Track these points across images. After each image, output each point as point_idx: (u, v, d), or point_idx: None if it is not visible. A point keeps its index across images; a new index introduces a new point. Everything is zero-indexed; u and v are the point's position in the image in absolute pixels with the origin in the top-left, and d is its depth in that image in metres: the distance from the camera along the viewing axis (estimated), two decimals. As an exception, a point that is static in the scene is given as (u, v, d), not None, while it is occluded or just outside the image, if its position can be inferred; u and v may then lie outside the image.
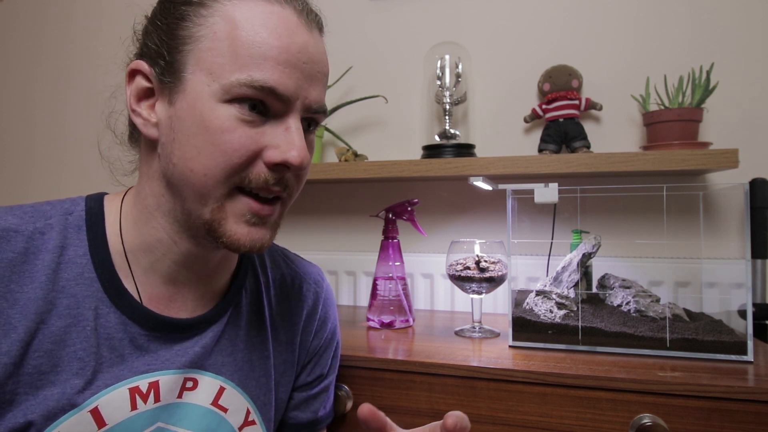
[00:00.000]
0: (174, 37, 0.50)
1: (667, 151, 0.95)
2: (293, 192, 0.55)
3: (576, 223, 1.07)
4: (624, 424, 0.70)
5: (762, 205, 0.98)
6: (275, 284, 0.67)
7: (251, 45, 0.47)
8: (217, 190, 0.49)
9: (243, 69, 0.47)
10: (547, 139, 1.10)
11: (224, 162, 0.48)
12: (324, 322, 0.71)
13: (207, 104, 0.48)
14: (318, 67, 0.51)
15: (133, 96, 0.52)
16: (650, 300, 0.89)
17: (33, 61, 1.60)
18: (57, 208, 0.54)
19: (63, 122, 1.56)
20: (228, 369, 0.58)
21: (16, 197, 1.60)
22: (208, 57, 0.48)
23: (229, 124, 0.48)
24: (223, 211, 0.50)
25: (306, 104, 0.51)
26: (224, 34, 0.48)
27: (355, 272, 1.28)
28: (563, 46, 1.17)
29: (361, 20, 1.31)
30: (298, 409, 0.69)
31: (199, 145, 0.48)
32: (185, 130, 0.49)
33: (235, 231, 0.50)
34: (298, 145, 0.49)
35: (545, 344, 0.85)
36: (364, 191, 1.31)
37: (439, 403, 0.78)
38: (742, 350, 0.77)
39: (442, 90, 1.16)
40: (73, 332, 0.49)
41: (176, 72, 0.49)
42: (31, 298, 0.48)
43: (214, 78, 0.48)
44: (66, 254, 0.51)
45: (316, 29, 0.52)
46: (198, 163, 0.48)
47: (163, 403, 0.53)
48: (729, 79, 1.07)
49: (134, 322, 0.52)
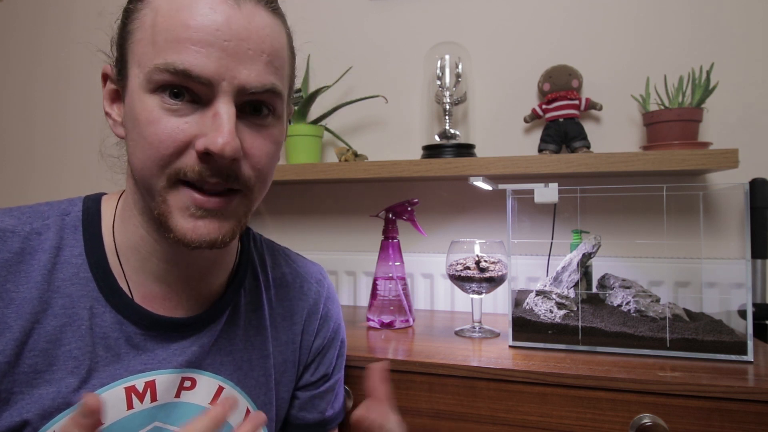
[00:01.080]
0: (120, 35, 0.50)
1: (667, 151, 0.95)
2: (252, 186, 0.50)
3: (576, 223, 1.07)
4: (624, 424, 0.70)
5: (762, 205, 0.98)
6: (275, 283, 0.67)
7: (167, 29, 0.45)
8: (156, 182, 0.47)
9: (159, 54, 0.45)
10: (547, 139, 1.10)
11: (153, 154, 0.46)
12: (326, 321, 0.71)
13: (137, 96, 0.47)
14: (249, 44, 0.46)
15: (106, 99, 0.54)
16: (650, 300, 0.90)
17: (33, 61, 1.60)
18: (55, 209, 0.54)
19: (63, 122, 1.56)
20: (227, 368, 0.58)
21: (16, 197, 1.60)
22: (138, 48, 0.47)
23: (155, 115, 0.46)
24: (167, 204, 0.48)
25: (237, 86, 0.46)
26: (149, 23, 0.47)
27: (355, 272, 1.28)
28: (563, 46, 1.17)
29: (361, 20, 1.31)
30: (305, 410, 0.69)
31: (135, 139, 0.48)
32: (128, 125, 0.49)
33: (181, 225, 0.48)
34: (225, 130, 0.45)
35: (545, 344, 0.85)
36: (364, 191, 1.31)
37: (439, 403, 0.78)
38: (742, 350, 0.77)
39: (442, 90, 1.16)
40: (68, 331, 0.50)
41: (124, 70, 0.50)
42: (27, 298, 0.49)
43: (141, 69, 0.47)
44: (62, 254, 0.52)
45: (250, 3, 0.47)
46: (136, 157, 0.48)
47: (160, 403, 0.53)
48: (729, 79, 1.07)
49: (129, 321, 0.52)
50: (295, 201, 1.36)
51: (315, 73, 1.30)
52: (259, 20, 0.48)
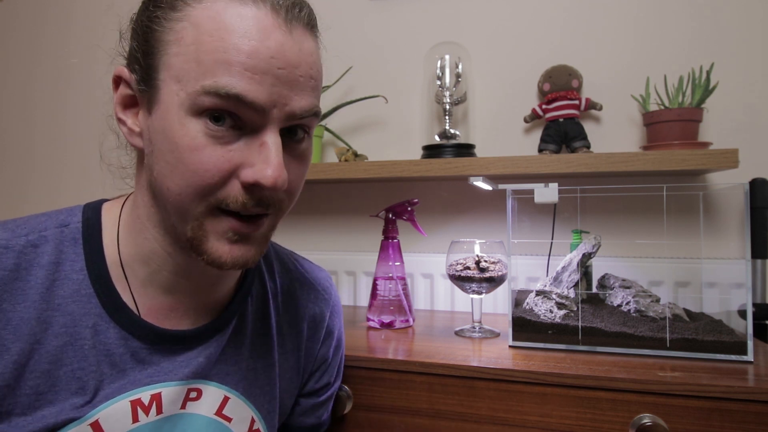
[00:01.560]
0: (147, 42, 0.47)
1: (667, 151, 0.95)
2: (283, 207, 0.51)
3: (576, 223, 1.07)
4: (624, 424, 0.70)
5: (762, 205, 0.98)
6: (283, 290, 0.66)
7: (215, 50, 0.43)
8: (194, 209, 0.46)
9: (207, 75, 0.43)
10: (547, 139, 1.10)
11: (196, 182, 0.44)
12: (331, 332, 0.71)
13: (176, 117, 0.44)
14: (300, 71, 0.46)
15: (118, 104, 0.50)
16: (650, 300, 0.89)
17: (33, 61, 1.60)
18: (53, 220, 0.51)
19: (63, 122, 1.56)
20: (233, 378, 0.57)
21: (16, 197, 1.60)
22: (177, 63, 0.44)
23: (198, 141, 0.44)
24: (203, 229, 0.47)
25: (287, 113, 0.46)
26: (191, 39, 0.44)
27: (355, 272, 1.28)
28: (563, 46, 1.17)
29: (361, 20, 1.31)
30: (304, 415, 0.69)
31: (171, 162, 0.45)
32: (160, 144, 0.46)
33: (216, 249, 0.47)
34: (274, 163, 0.44)
35: (545, 344, 0.85)
36: (364, 191, 1.31)
37: (439, 403, 0.78)
38: (742, 350, 0.77)
39: (442, 90, 1.16)
40: (69, 351, 0.48)
41: (151, 80, 0.46)
42: (24, 318, 0.47)
43: (182, 86, 0.44)
44: (62, 269, 0.49)
45: (299, 27, 0.46)
46: (172, 181, 0.45)
47: (166, 415, 0.52)
48: (729, 79, 1.07)
49: (134, 336, 0.51)
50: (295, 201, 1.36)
51: (315, 73, 1.30)
52: (307, 46, 0.47)
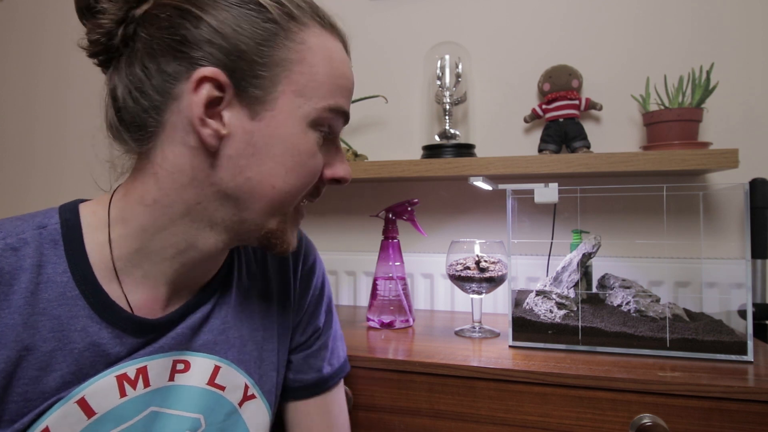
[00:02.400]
0: (262, 53, 0.49)
1: (667, 151, 0.95)
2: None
3: (576, 223, 1.07)
4: (624, 424, 0.70)
5: (762, 205, 0.98)
6: (256, 257, 0.67)
7: (335, 75, 0.53)
8: (292, 204, 0.54)
9: (329, 96, 0.52)
10: (547, 139, 1.10)
11: (307, 182, 0.53)
12: (309, 278, 0.71)
13: (298, 126, 0.51)
14: None
15: (203, 105, 0.48)
16: (650, 300, 0.90)
17: (33, 61, 1.60)
18: (29, 223, 0.50)
19: (63, 122, 1.56)
20: (221, 347, 0.59)
21: (16, 198, 1.60)
22: (302, 80, 0.50)
23: (314, 149, 0.52)
24: (286, 222, 0.55)
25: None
26: (318, 61, 0.52)
27: (355, 272, 1.28)
28: (563, 46, 1.17)
29: (361, 20, 1.31)
30: (301, 371, 0.69)
31: (288, 165, 0.51)
32: (272, 148, 0.50)
33: (291, 239, 0.56)
34: (345, 161, 0.57)
35: (545, 344, 0.85)
36: (364, 191, 1.31)
37: (439, 403, 0.78)
38: (742, 350, 0.77)
39: (442, 90, 1.16)
40: (59, 356, 0.48)
41: (266, 87, 0.49)
42: (10, 324, 0.46)
43: (306, 100, 0.51)
44: (44, 273, 0.48)
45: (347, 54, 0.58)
46: (283, 181, 0.51)
47: (154, 387, 0.53)
48: (729, 79, 1.07)
49: (128, 333, 0.51)
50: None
51: (315, 73, 1.30)
52: None
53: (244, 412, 0.60)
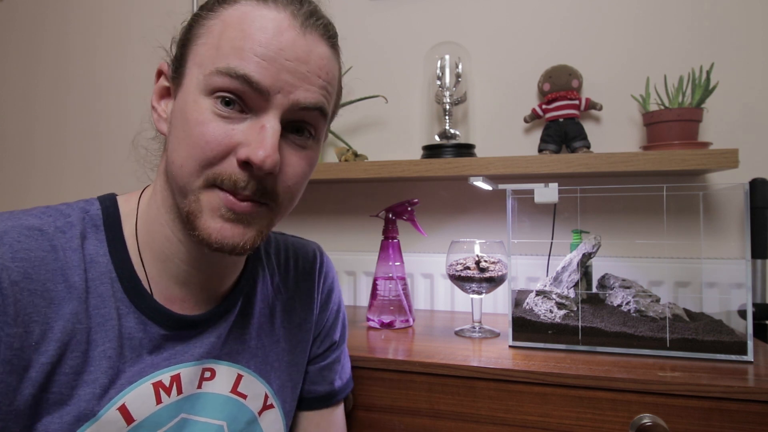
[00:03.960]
0: (184, 37, 0.53)
1: (667, 151, 0.95)
2: (280, 203, 0.52)
3: (576, 223, 1.07)
4: (624, 424, 0.70)
5: (762, 205, 0.98)
6: (279, 269, 0.69)
7: (233, 38, 0.48)
8: (193, 182, 0.48)
9: (222, 59, 0.48)
10: (547, 139, 1.10)
11: (198, 153, 0.48)
12: (329, 295, 0.73)
13: (192, 96, 0.49)
14: (308, 67, 0.49)
15: (155, 94, 0.55)
16: (650, 300, 0.89)
17: (33, 61, 1.60)
18: (74, 207, 0.53)
19: (63, 122, 1.56)
20: (244, 357, 0.60)
21: (16, 197, 1.60)
22: (201, 50, 0.50)
23: (205, 117, 0.48)
24: (199, 203, 0.49)
25: (291, 100, 0.48)
26: (217, 31, 0.49)
27: (355, 272, 1.28)
28: (563, 46, 1.17)
29: (361, 20, 1.31)
30: (315, 383, 0.70)
31: (180, 137, 0.49)
32: (175, 122, 0.51)
33: (208, 225, 0.49)
34: (267, 144, 0.47)
35: (545, 344, 0.85)
36: (364, 191, 1.31)
37: (439, 403, 0.78)
38: (742, 350, 0.77)
39: (442, 90, 1.16)
40: (101, 331, 0.50)
41: (180, 68, 0.52)
42: (65, 298, 0.48)
43: (201, 70, 0.49)
44: (88, 253, 0.51)
45: (314, 33, 0.50)
46: (177, 154, 0.49)
47: (186, 395, 0.54)
48: (729, 79, 1.07)
49: (154, 322, 0.53)
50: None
51: (315, 73, 1.30)
52: (320, 50, 0.51)
53: (263, 421, 0.61)
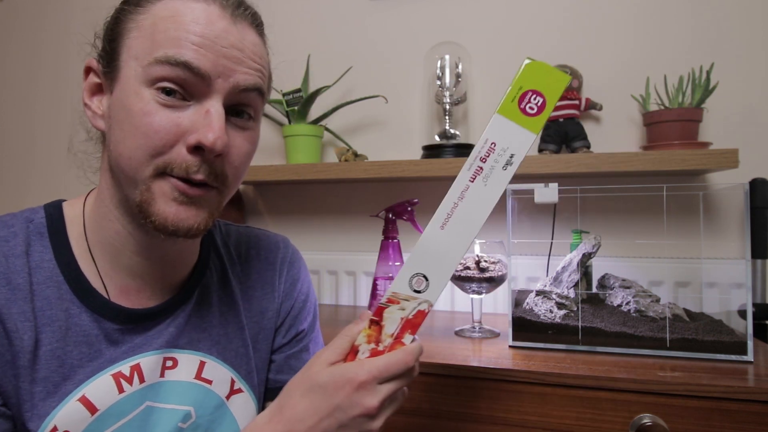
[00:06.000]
0: (112, 32, 0.53)
1: (667, 151, 0.95)
2: (228, 183, 0.54)
3: (576, 223, 1.07)
4: (624, 424, 0.70)
5: (762, 205, 0.98)
6: (240, 259, 0.69)
7: (167, 29, 0.49)
8: (142, 172, 0.49)
9: (159, 49, 0.49)
10: (547, 139, 1.10)
11: (145, 144, 0.49)
12: (293, 284, 0.72)
13: (133, 88, 0.50)
14: (242, 53, 0.52)
15: (85, 91, 0.55)
16: (650, 300, 0.89)
17: (33, 61, 1.60)
18: (18, 217, 0.56)
19: (63, 122, 1.56)
20: (205, 344, 0.61)
21: (16, 198, 1.60)
22: (135, 44, 0.50)
23: (150, 107, 0.49)
24: (151, 191, 0.50)
25: (231, 83, 0.51)
26: (148, 24, 0.50)
27: (355, 272, 1.28)
28: (563, 46, 1.17)
29: (361, 20, 1.31)
30: (282, 372, 0.70)
31: (125, 129, 0.50)
32: (117, 116, 0.51)
33: (163, 210, 0.50)
34: (215, 127, 0.49)
35: (545, 344, 0.85)
36: (364, 191, 1.31)
37: (439, 403, 0.78)
38: (742, 350, 0.77)
39: (442, 90, 1.16)
40: (48, 332, 0.51)
41: (114, 62, 0.52)
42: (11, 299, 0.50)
43: (139, 62, 0.50)
44: (32, 259, 0.53)
45: (245, 23, 0.53)
46: (124, 146, 0.50)
47: (149, 383, 0.56)
48: (729, 79, 1.07)
49: (106, 318, 0.54)
50: (294, 201, 1.36)
51: (315, 73, 1.30)
52: (251, 38, 0.53)
53: (232, 405, 0.62)
